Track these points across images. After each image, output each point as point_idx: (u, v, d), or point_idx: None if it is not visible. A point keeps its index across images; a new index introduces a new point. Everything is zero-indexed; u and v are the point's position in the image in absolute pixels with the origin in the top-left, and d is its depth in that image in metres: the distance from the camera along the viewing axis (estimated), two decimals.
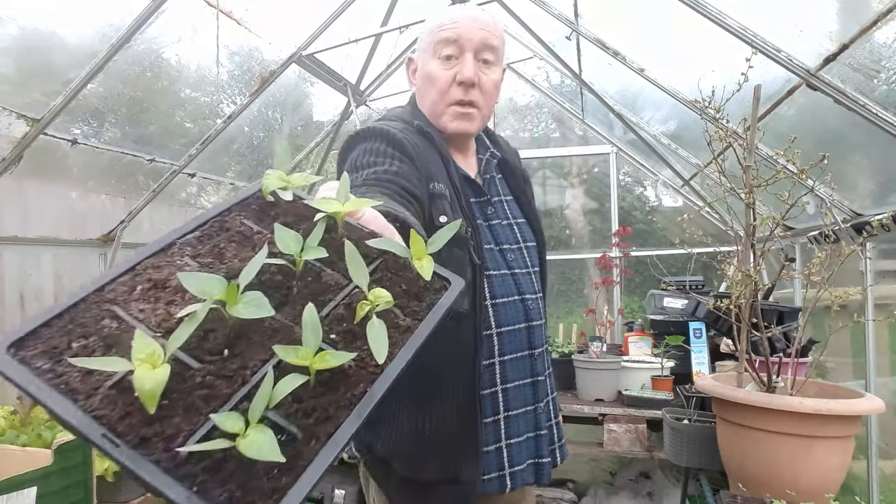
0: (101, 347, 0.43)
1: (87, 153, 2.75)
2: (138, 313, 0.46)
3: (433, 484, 1.13)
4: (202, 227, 0.57)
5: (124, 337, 0.44)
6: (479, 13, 1.22)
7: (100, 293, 0.47)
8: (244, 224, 0.58)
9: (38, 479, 1.34)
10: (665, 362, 2.67)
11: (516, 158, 1.38)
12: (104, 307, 0.46)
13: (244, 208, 0.61)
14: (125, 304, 0.47)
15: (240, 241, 0.56)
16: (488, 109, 1.24)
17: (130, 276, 0.50)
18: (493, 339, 1.18)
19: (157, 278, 0.50)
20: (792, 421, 1.33)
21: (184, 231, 0.55)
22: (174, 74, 2.91)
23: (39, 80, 2.30)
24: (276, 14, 2.87)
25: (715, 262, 1.74)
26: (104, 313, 0.46)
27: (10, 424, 1.78)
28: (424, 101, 1.24)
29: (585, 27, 2.73)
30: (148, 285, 0.49)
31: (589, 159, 4.52)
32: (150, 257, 0.52)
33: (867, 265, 2.23)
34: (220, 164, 3.67)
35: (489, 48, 1.19)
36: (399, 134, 1.11)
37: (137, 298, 0.48)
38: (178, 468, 0.37)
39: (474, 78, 1.17)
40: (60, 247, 2.93)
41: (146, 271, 0.50)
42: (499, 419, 1.18)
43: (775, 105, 2.26)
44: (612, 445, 2.50)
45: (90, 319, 0.45)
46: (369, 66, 3.48)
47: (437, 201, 1.08)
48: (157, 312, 0.47)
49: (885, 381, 2.34)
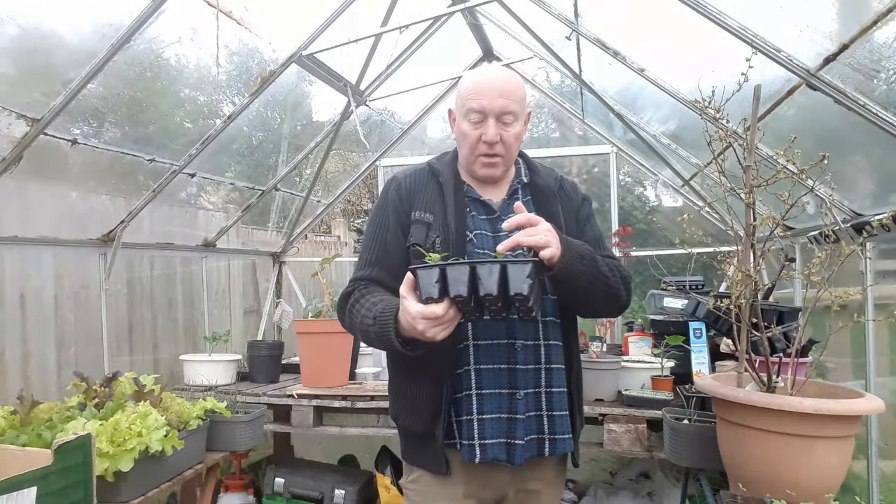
0: None
1: (87, 153, 2.75)
2: None
3: (421, 436, 1.47)
4: None
5: None
6: (500, 79, 1.49)
7: None
8: None
9: (38, 479, 1.33)
10: (665, 362, 2.67)
11: (552, 182, 1.62)
12: None
13: None
14: None
15: None
16: (511, 156, 1.54)
17: None
18: (467, 326, 1.43)
19: None
20: (792, 421, 1.33)
21: None
22: (174, 74, 2.91)
23: (39, 80, 2.29)
24: (276, 14, 2.87)
25: (715, 262, 1.74)
26: None
27: (10, 424, 1.77)
28: (461, 151, 1.57)
29: (585, 27, 2.72)
30: None
31: (589, 159, 4.52)
32: None
33: (867, 265, 2.23)
34: (219, 164, 3.67)
35: (508, 112, 1.47)
36: (392, 193, 1.54)
37: None
38: None
39: (496, 139, 1.47)
40: (60, 247, 2.92)
41: None
42: (471, 394, 1.43)
43: (775, 105, 2.26)
44: (611, 445, 2.49)
45: None
46: (369, 66, 3.47)
47: (414, 226, 1.48)
48: None
49: (884, 381, 2.35)
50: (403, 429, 1.55)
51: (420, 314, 1.20)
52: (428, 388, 1.44)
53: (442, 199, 1.51)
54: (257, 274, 4.85)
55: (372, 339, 1.38)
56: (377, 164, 4.85)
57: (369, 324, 1.35)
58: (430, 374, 1.43)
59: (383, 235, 1.52)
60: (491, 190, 1.57)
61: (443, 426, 1.42)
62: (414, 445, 1.52)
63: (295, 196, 4.53)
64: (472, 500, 1.47)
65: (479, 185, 1.57)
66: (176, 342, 3.83)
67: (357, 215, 8.87)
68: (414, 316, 1.20)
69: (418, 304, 1.21)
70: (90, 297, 3.11)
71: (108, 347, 3.13)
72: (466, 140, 1.50)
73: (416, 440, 1.50)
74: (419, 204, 1.51)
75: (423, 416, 1.45)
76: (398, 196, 1.53)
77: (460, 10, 3.05)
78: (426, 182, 1.55)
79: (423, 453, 1.48)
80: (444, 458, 1.44)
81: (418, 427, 1.47)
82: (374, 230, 1.55)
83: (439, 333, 1.22)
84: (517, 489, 1.50)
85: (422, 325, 1.20)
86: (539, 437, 1.45)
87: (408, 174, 1.58)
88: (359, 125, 3.54)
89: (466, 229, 1.48)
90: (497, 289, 1.18)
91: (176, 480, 2.03)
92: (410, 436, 1.53)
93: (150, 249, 3.55)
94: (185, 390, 2.87)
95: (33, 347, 2.84)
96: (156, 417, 1.87)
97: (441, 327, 1.21)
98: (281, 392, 2.93)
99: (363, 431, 2.98)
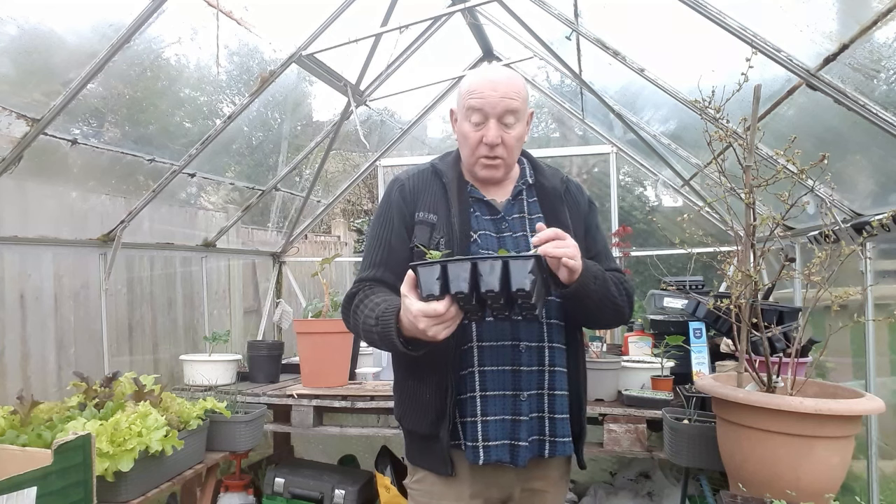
0: None
1: (87, 153, 2.75)
2: None
3: (426, 438, 1.46)
4: None
5: None
6: (500, 79, 1.47)
7: None
8: None
9: (38, 479, 1.33)
10: (665, 362, 2.67)
11: (557, 183, 1.60)
12: None
13: None
14: None
15: None
16: (512, 158, 1.53)
17: None
18: (472, 327, 1.43)
19: None
20: (792, 421, 1.33)
21: None
22: (174, 74, 2.91)
23: (39, 80, 2.29)
24: (276, 14, 2.87)
25: (715, 262, 1.74)
26: None
27: (10, 424, 1.77)
28: (462, 150, 1.56)
29: (585, 27, 2.72)
30: None
31: (589, 159, 4.52)
32: None
33: (867, 265, 2.23)
34: (219, 164, 3.67)
35: (509, 112, 1.45)
36: (395, 195, 1.53)
37: None
38: None
39: (497, 140, 1.46)
40: (60, 247, 2.92)
41: None
42: (475, 396, 1.43)
43: (775, 105, 2.26)
44: (612, 445, 2.49)
45: None
46: (369, 66, 3.47)
47: (418, 227, 1.48)
48: None
49: (884, 381, 2.34)
50: (408, 430, 1.55)
51: (421, 312, 1.18)
52: (432, 389, 1.43)
53: (445, 199, 1.51)
54: (257, 274, 4.85)
55: (375, 340, 1.38)
56: (377, 164, 4.85)
57: (372, 324, 1.35)
58: (434, 376, 1.43)
59: (387, 236, 1.51)
60: (495, 190, 1.57)
61: (448, 428, 1.42)
62: (419, 446, 1.52)
63: (295, 196, 4.53)
64: (478, 500, 1.48)
65: (483, 186, 1.56)
66: (176, 342, 3.83)
67: (357, 215, 8.87)
68: (415, 314, 1.19)
69: (419, 301, 1.20)
70: (90, 297, 3.11)
71: (108, 347, 3.13)
72: (468, 141, 1.50)
73: (421, 441, 1.50)
74: (423, 204, 1.51)
75: (428, 418, 1.44)
76: (402, 197, 1.53)
77: (460, 10, 3.05)
78: (429, 182, 1.54)
79: (428, 454, 1.48)
80: (450, 460, 1.44)
81: (423, 428, 1.46)
82: (377, 231, 1.54)
83: (441, 332, 1.21)
84: (522, 489, 1.50)
85: (423, 323, 1.19)
86: (540, 438, 1.45)
87: (411, 175, 1.57)
88: (359, 125, 3.54)
89: (470, 229, 1.47)
90: (499, 285, 1.16)
91: (176, 480, 2.03)
92: (415, 437, 1.53)
93: (149, 249, 3.55)
94: (185, 390, 2.87)
95: (33, 347, 2.84)
96: (156, 417, 1.87)
97: (442, 325, 1.20)
98: (281, 392, 2.93)
99: (363, 431, 2.98)
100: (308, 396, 2.86)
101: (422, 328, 1.20)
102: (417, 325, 1.20)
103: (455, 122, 1.57)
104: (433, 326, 1.19)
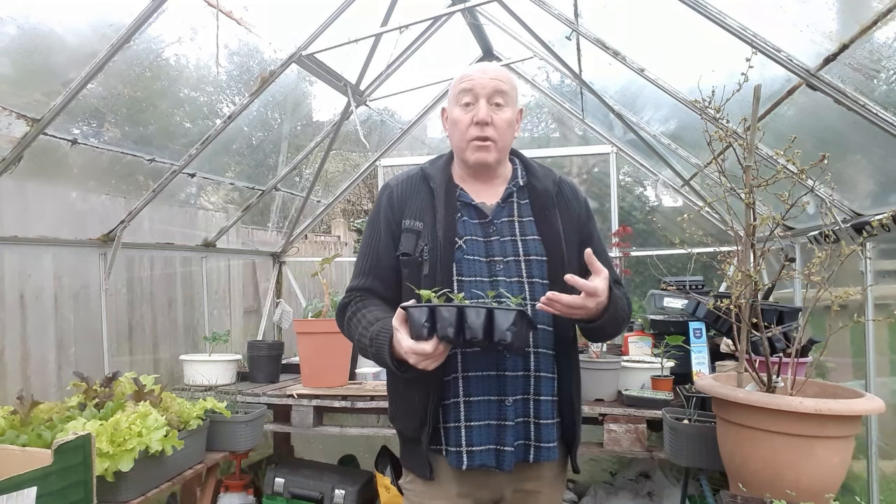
0: None
1: (87, 153, 2.75)
2: None
3: (410, 440, 1.49)
4: None
5: None
6: (491, 66, 1.54)
7: None
8: None
9: (38, 479, 1.33)
10: (665, 362, 2.67)
11: (550, 184, 1.57)
12: None
13: None
14: None
15: None
16: (504, 142, 1.51)
17: None
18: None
19: None
20: (792, 421, 1.33)
21: None
22: (174, 74, 2.90)
23: (39, 80, 2.29)
24: (276, 14, 2.87)
25: (715, 262, 1.75)
26: None
27: (10, 424, 1.77)
28: (453, 139, 1.55)
29: (585, 27, 2.72)
30: None
31: (589, 159, 4.52)
32: None
33: (867, 265, 2.23)
34: (219, 164, 3.67)
35: (499, 93, 1.48)
36: (384, 202, 1.54)
37: None
38: None
39: (487, 118, 1.46)
40: (60, 247, 2.92)
41: None
42: (458, 402, 1.43)
43: (775, 105, 2.26)
44: (611, 445, 2.49)
45: None
46: (369, 66, 3.47)
47: (404, 234, 1.48)
48: None
49: (884, 381, 2.34)
50: (398, 431, 1.58)
51: (411, 350, 1.27)
52: (419, 393, 1.45)
53: (432, 205, 1.50)
54: (257, 274, 4.85)
55: (368, 356, 1.46)
56: (377, 164, 4.85)
57: (366, 343, 1.42)
58: (422, 380, 1.43)
59: (375, 245, 1.54)
60: (485, 193, 1.55)
61: (427, 432, 1.44)
62: (406, 448, 1.55)
63: (295, 196, 4.53)
64: (467, 500, 1.48)
65: (473, 189, 1.54)
66: (176, 342, 3.83)
67: (357, 215, 8.88)
68: (406, 351, 1.28)
69: (409, 339, 1.28)
70: (90, 297, 3.11)
71: (108, 347, 3.13)
72: (458, 126, 1.50)
73: (407, 443, 1.53)
74: (410, 211, 1.51)
75: (413, 421, 1.47)
76: (389, 205, 1.54)
77: (460, 10, 3.05)
78: (418, 188, 1.54)
79: (412, 457, 1.51)
80: (429, 464, 1.46)
81: (408, 431, 1.49)
82: (367, 239, 1.58)
83: (430, 366, 1.29)
84: (515, 489, 1.49)
85: (412, 359, 1.28)
86: (526, 443, 1.45)
87: (400, 181, 1.57)
88: (359, 125, 3.54)
89: (456, 236, 1.46)
90: (482, 333, 1.23)
91: (176, 480, 2.03)
92: (403, 438, 1.56)
93: (149, 249, 3.55)
94: (185, 390, 2.87)
95: (33, 347, 2.84)
96: (156, 417, 1.87)
97: (430, 361, 1.28)
98: (281, 392, 2.93)
99: (363, 431, 2.98)
100: (308, 396, 2.86)
101: (412, 363, 1.29)
102: (407, 359, 1.29)
103: (446, 120, 1.57)
104: (422, 362, 1.28)
